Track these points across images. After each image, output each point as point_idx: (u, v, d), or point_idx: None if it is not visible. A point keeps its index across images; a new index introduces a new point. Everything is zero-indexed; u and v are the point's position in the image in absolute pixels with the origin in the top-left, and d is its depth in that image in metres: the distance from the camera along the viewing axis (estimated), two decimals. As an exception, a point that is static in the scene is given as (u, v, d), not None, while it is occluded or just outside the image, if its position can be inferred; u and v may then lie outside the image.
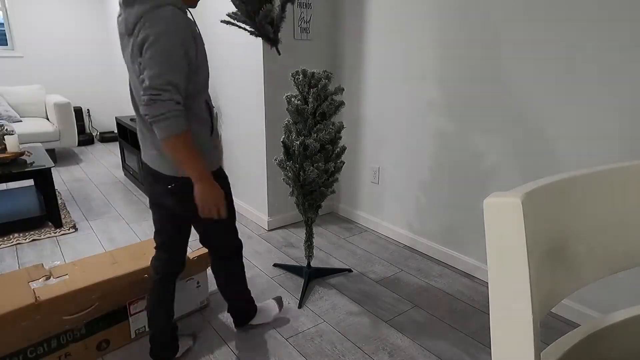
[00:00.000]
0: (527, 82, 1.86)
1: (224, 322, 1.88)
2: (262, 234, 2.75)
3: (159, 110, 1.17)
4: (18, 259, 2.40)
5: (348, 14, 2.65)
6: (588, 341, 0.79)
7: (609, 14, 1.57)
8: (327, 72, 1.84)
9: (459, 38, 2.07)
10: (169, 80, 1.17)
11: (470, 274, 2.28)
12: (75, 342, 1.58)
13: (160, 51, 1.17)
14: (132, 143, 3.66)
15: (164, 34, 1.17)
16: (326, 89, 1.82)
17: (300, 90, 1.84)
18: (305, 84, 1.82)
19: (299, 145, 1.84)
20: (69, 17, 5.06)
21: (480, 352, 1.70)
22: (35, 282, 1.57)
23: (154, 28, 1.17)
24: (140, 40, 1.18)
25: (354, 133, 2.83)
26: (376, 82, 2.58)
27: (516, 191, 0.60)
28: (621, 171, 0.79)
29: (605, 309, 1.79)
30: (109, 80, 5.49)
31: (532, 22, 1.79)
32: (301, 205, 2.02)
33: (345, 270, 2.30)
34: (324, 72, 1.84)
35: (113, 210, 3.15)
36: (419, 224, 2.53)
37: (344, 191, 3.06)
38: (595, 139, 1.70)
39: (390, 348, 1.72)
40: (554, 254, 0.68)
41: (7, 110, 4.32)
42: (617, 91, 1.61)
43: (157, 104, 1.16)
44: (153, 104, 1.16)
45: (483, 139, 2.08)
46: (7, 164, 2.68)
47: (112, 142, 5.42)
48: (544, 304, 0.65)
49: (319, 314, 1.94)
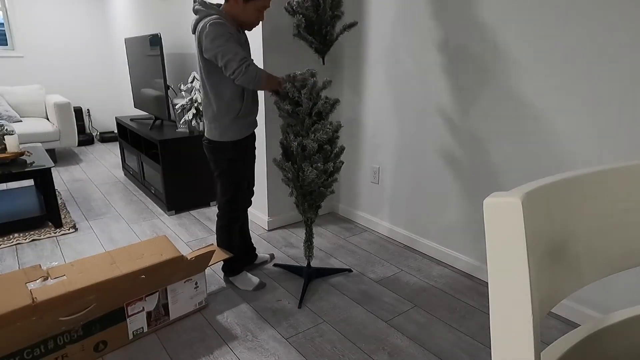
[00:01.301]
0: (528, 82, 1.86)
1: (224, 322, 1.88)
2: (262, 234, 2.75)
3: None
4: (18, 259, 2.40)
5: (348, 13, 2.65)
6: (588, 341, 0.79)
7: (610, 12, 1.57)
8: (310, 70, 1.84)
9: (461, 37, 2.07)
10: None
11: (470, 274, 2.28)
12: (72, 344, 1.58)
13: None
14: (132, 143, 3.66)
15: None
16: (316, 86, 1.81)
17: (290, 97, 1.82)
18: (295, 89, 1.80)
19: (297, 145, 1.84)
20: (69, 17, 5.06)
21: (480, 352, 1.70)
22: (32, 283, 1.56)
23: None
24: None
25: (354, 133, 2.83)
26: (376, 81, 2.58)
27: (516, 191, 0.60)
28: (621, 171, 0.79)
29: (605, 309, 1.79)
30: (109, 80, 5.49)
31: (532, 22, 1.79)
32: (301, 205, 2.02)
33: (345, 270, 2.30)
34: (308, 71, 1.83)
35: (113, 210, 3.15)
36: (419, 224, 2.53)
37: (343, 191, 3.06)
38: (596, 139, 1.70)
39: (390, 348, 1.72)
40: (554, 254, 0.68)
41: (7, 110, 4.32)
42: (617, 91, 1.61)
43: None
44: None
45: (483, 139, 2.08)
46: (7, 164, 2.68)
47: (112, 142, 5.42)
48: (544, 304, 0.65)
49: (319, 314, 1.94)
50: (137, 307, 1.71)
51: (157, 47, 3.04)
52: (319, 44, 1.90)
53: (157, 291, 1.77)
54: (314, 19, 1.83)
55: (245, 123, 1.94)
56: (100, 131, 5.56)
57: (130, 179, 3.87)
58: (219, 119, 1.88)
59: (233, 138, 1.91)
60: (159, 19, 3.87)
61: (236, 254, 2.10)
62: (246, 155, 2.00)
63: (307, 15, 1.82)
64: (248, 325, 1.85)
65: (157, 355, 1.67)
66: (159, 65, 3.08)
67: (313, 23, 1.85)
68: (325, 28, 1.85)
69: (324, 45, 1.90)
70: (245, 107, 1.90)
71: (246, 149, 1.99)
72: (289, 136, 1.90)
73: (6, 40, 4.80)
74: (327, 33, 1.87)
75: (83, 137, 5.19)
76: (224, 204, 2.03)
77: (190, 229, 2.84)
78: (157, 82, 3.25)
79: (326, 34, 1.87)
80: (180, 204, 3.11)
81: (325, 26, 1.85)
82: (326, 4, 1.80)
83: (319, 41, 1.89)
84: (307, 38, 1.89)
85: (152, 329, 1.79)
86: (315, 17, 1.82)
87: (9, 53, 4.80)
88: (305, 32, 1.87)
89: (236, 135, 1.92)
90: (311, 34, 1.88)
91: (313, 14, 1.82)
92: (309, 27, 1.86)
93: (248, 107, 1.91)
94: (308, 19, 1.84)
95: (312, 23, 1.85)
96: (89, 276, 1.60)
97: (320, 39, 1.88)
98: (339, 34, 1.95)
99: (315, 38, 1.88)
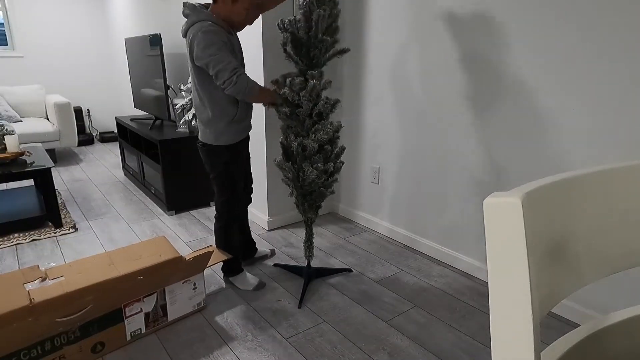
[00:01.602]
0: (529, 82, 1.86)
1: (223, 322, 1.88)
2: (262, 234, 2.75)
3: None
4: (18, 259, 2.40)
5: (348, 11, 2.65)
6: (588, 341, 0.79)
7: (611, 12, 1.57)
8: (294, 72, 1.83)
9: (461, 38, 2.07)
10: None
11: (470, 274, 2.28)
12: (69, 345, 1.58)
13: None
14: (132, 143, 3.66)
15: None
16: (315, 88, 1.79)
17: (290, 101, 1.82)
18: (294, 93, 1.80)
19: (297, 146, 1.84)
20: (69, 17, 5.06)
21: (480, 352, 1.70)
22: (30, 284, 1.56)
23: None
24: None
25: (354, 133, 2.83)
26: (376, 82, 2.58)
27: (516, 191, 0.60)
28: (621, 171, 0.79)
29: (605, 309, 1.79)
30: (109, 80, 5.49)
31: (532, 22, 1.79)
32: (301, 205, 2.02)
33: (345, 270, 2.30)
34: (293, 73, 1.82)
35: (113, 210, 3.15)
36: (419, 224, 2.53)
37: (343, 191, 3.06)
38: (596, 140, 1.70)
39: (390, 348, 1.72)
40: (554, 254, 0.68)
41: (7, 110, 4.32)
42: (617, 92, 1.61)
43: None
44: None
45: (483, 139, 2.08)
46: (7, 164, 2.68)
47: (112, 142, 5.42)
48: (544, 304, 0.65)
49: (319, 314, 1.94)
50: (135, 308, 1.71)
51: (157, 47, 3.04)
52: (304, 65, 1.83)
53: (155, 292, 1.77)
54: (303, 40, 1.78)
55: (239, 127, 1.95)
56: (100, 131, 5.56)
57: (130, 179, 3.87)
58: (214, 123, 1.88)
59: (228, 142, 1.92)
60: (159, 19, 3.86)
61: (235, 255, 2.10)
62: (239, 158, 2.01)
63: (296, 35, 1.78)
64: (248, 325, 1.85)
65: (157, 355, 1.67)
66: (159, 65, 3.08)
67: (302, 44, 1.79)
68: (314, 51, 1.80)
69: (309, 67, 1.83)
70: (240, 112, 1.90)
71: (240, 151, 2.00)
72: (289, 136, 1.90)
73: (6, 40, 4.80)
74: (314, 56, 1.81)
75: (83, 137, 5.19)
76: (220, 206, 2.04)
77: (190, 229, 2.84)
78: (157, 82, 3.25)
79: (313, 57, 1.81)
80: (180, 204, 3.11)
81: (314, 49, 1.79)
82: (319, 27, 1.74)
83: (305, 63, 1.82)
84: (292, 57, 1.84)
85: (150, 330, 1.79)
86: (306, 38, 1.77)
87: (9, 53, 4.80)
88: (291, 51, 1.82)
89: (231, 139, 1.92)
90: (298, 55, 1.82)
91: (304, 34, 1.77)
92: (296, 47, 1.81)
93: (243, 112, 1.92)
94: (296, 39, 1.79)
95: (301, 44, 1.79)
96: (87, 277, 1.60)
97: (307, 61, 1.82)
98: (327, 59, 1.86)
99: (301, 59, 1.82)
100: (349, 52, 2.71)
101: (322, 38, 1.76)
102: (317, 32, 1.75)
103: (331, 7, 1.78)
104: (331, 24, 1.81)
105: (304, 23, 1.75)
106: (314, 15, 1.71)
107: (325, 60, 1.86)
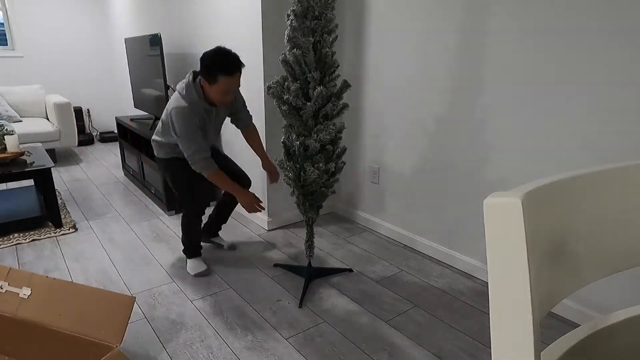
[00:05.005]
0: (528, 82, 1.86)
1: (223, 322, 1.88)
2: (262, 234, 2.75)
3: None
4: (18, 259, 2.40)
5: (348, 11, 2.65)
6: (588, 341, 0.79)
7: (607, 13, 1.57)
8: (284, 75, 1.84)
9: (461, 38, 2.07)
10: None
11: (470, 274, 2.28)
12: None
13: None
14: (132, 143, 3.66)
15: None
16: (335, 88, 1.82)
17: (302, 94, 1.82)
18: (314, 86, 1.79)
19: (299, 145, 1.84)
20: (70, 17, 5.06)
21: (480, 352, 1.70)
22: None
23: None
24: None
25: (355, 133, 2.83)
26: (376, 82, 2.58)
27: (516, 191, 0.60)
28: (621, 171, 0.79)
29: (605, 309, 1.79)
30: (109, 80, 5.49)
31: (532, 22, 1.79)
32: (302, 205, 2.02)
33: (346, 270, 2.30)
34: (282, 77, 1.84)
35: (113, 210, 3.15)
36: (419, 224, 2.53)
37: (344, 191, 3.06)
38: (596, 139, 1.70)
39: (390, 348, 1.72)
40: (554, 254, 0.68)
41: (7, 110, 4.32)
42: (617, 91, 1.61)
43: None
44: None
45: (484, 139, 2.08)
46: (7, 164, 2.68)
47: (112, 142, 5.42)
48: (544, 304, 0.65)
49: (319, 314, 1.94)
50: None
51: (157, 47, 3.04)
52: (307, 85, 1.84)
53: None
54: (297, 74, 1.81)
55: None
56: (100, 131, 5.56)
57: (130, 179, 3.87)
58: (171, 147, 2.13)
59: (180, 155, 2.08)
60: (159, 19, 3.86)
61: (196, 246, 2.31)
62: (189, 166, 2.05)
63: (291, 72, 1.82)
64: (248, 325, 1.85)
65: (157, 355, 1.67)
66: (159, 65, 3.08)
67: (296, 78, 1.82)
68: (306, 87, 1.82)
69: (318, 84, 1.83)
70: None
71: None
72: (291, 136, 1.90)
73: (6, 40, 4.80)
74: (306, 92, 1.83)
75: (83, 137, 5.19)
76: (182, 208, 2.30)
77: (190, 229, 2.84)
78: (157, 82, 3.25)
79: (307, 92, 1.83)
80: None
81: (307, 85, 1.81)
82: (310, 66, 1.76)
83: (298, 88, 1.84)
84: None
85: None
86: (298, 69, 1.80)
87: (9, 53, 4.80)
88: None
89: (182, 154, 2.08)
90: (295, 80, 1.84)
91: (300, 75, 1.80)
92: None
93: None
94: (292, 75, 1.82)
95: (295, 78, 1.82)
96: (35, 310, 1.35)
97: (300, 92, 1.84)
98: (316, 98, 1.81)
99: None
100: (349, 52, 2.71)
101: (313, 76, 1.79)
102: (310, 69, 1.79)
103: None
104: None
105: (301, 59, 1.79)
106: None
107: (315, 100, 1.84)
